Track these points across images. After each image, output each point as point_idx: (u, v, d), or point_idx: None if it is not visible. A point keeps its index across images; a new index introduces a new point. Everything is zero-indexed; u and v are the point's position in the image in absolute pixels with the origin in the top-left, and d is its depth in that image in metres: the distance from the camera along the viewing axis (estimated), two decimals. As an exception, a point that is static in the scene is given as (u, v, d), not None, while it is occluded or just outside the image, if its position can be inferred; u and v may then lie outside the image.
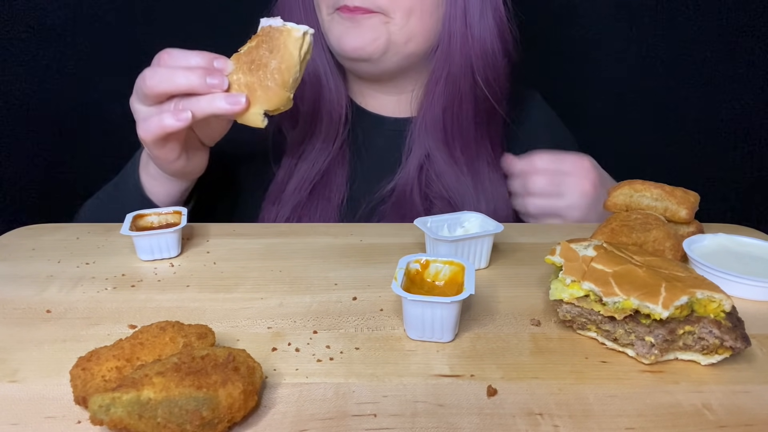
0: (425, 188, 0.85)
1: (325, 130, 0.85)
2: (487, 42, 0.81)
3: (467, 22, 0.80)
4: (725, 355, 0.46)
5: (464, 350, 0.48)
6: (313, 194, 0.85)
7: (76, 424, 0.39)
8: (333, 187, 0.86)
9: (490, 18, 0.80)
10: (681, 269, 0.49)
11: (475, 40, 0.80)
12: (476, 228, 0.66)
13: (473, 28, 0.80)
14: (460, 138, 0.84)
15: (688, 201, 0.66)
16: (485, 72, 0.81)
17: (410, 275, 0.53)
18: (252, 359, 0.40)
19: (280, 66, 0.62)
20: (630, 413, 0.41)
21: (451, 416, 0.40)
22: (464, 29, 0.80)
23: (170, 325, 0.44)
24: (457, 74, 0.81)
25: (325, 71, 0.85)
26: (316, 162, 0.85)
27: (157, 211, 0.69)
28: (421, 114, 0.85)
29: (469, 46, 0.80)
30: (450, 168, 0.85)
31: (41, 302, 0.56)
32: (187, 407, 0.36)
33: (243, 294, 0.58)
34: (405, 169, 0.85)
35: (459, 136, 0.84)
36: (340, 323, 0.52)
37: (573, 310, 0.49)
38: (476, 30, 0.80)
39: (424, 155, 0.85)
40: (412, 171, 0.85)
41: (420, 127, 0.85)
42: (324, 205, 0.84)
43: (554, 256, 0.52)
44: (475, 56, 0.81)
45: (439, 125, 0.84)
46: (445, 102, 0.83)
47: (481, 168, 0.86)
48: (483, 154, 0.86)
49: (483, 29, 0.80)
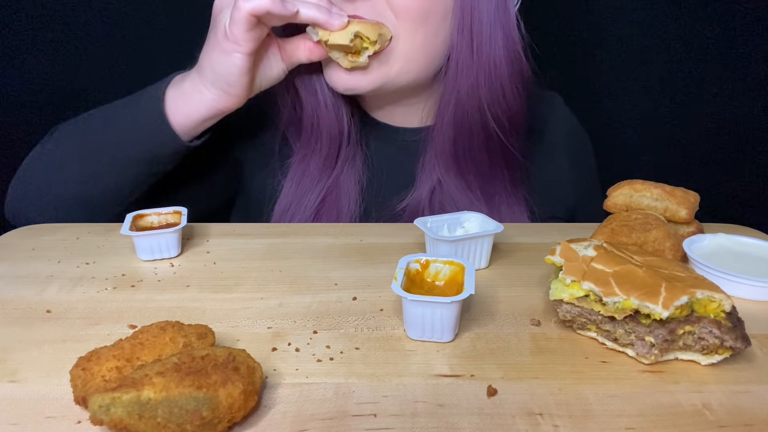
0: (438, 212, 0.80)
1: (326, 146, 0.82)
2: (495, 74, 0.74)
3: (474, 53, 0.73)
4: (725, 355, 0.46)
5: (464, 350, 0.48)
6: (321, 209, 0.82)
7: (76, 424, 0.39)
8: (343, 200, 0.83)
9: (500, 48, 0.73)
10: (681, 269, 0.49)
11: (481, 72, 0.74)
12: (476, 228, 0.66)
13: (482, 58, 0.73)
14: (473, 162, 0.80)
15: (688, 201, 0.66)
16: (493, 105, 0.75)
17: (410, 275, 0.53)
18: (252, 359, 0.40)
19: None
20: (630, 413, 0.41)
21: (451, 416, 0.40)
22: (470, 60, 0.74)
23: (170, 325, 0.44)
24: (465, 103, 0.76)
25: (322, 88, 0.80)
26: (321, 178, 0.82)
27: (157, 211, 0.69)
28: (433, 136, 0.81)
29: (473, 77, 0.74)
30: (463, 194, 0.81)
31: (41, 302, 0.56)
32: (187, 407, 0.36)
33: (243, 294, 0.58)
34: (417, 191, 0.82)
35: (471, 160, 0.80)
36: (340, 323, 0.52)
37: (573, 310, 0.49)
38: (485, 60, 0.73)
39: (435, 180, 0.81)
40: (425, 195, 0.81)
41: (431, 150, 0.81)
42: (334, 219, 0.82)
43: (554, 256, 0.52)
44: (482, 88, 0.74)
45: (451, 149, 0.79)
46: (455, 126, 0.78)
47: (496, 193, 0.81)
48: (498, 179, 0.81)
49: (492, 60, 0.73)
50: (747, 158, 1.29)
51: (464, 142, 0.79)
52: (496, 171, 0.81)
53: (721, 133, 1.28)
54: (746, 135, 1.28)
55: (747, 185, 1.31)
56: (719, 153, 1.29)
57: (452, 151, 0.79)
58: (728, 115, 1.26)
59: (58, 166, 0.76)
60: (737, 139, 1.28)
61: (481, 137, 0.78)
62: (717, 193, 1.25)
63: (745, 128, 1.27)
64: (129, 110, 0.75)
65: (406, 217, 0.81)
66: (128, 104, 0.76)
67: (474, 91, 0.75)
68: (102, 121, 0.77)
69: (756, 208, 1.31)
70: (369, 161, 0.86)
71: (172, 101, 0.72)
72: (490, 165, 0.80)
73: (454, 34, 0.73)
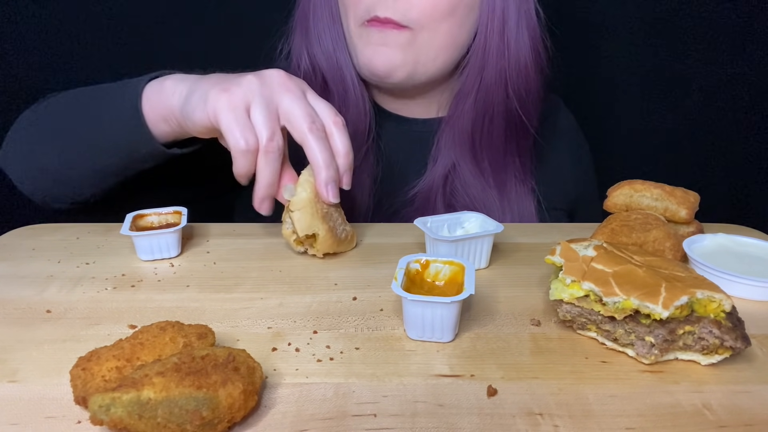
0: (450, 197, 0.83)
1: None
2: (521, 56, 0.79)
3: (505, 36, 0.78)
4: (725, 355, 0.46)
5: (464, 350, 0.48)
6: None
7: (76, 424, 0.39)
8: (357, 194, 0.83)
9: (525, 32, 0.79)
10: (681, 269, 0.49)
11: (511, 54, 0.78)
12: (476, 228, 0.66)
13: (510, 42, 0.78)
14: (489, 150, 0.83)
15: (688, 201, 0.66)
16: (518, 87, 0.80)
17: (410, 275, 0.53)
18: (252, 359, 0.40)
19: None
20: (630, 413, 0.41)
21: (451, 416, 0.40)
22: (501, 43, 0.78)
23: (170, 325, 0.44)
24: (490, 87, 0.80)
25: (353, 82, 0.82)
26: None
27: (157, 211, 0.69)
28: (450, 123, 0.83)
29: (504, 60, 0.78)
30: (476, 179, 0.83)
31: (41, 302, 0.56)
32: (187, 407, 0.36)
33: (243, 294, 0.58)
34: (430, 176, 0.84)
35: (487, 148, 0.83)
36: (340, 323, 0.52)
37: (573, 310, 0.49)
38: (512, 44, 0.78)
39: (450, 165, 0.83)
40: (438, 179, 0.83)
41: (447, 137, 0.84)
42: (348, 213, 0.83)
43: (554, 256, 0.52)
44: (509, 70, 0.79)
45: (468, 136, 0.82)
46: (475, 114, 0.81)
47: (507, 180, 0.84)
48: (510, 167, 0.84)
49: (519, 43, 0.78)
50: (747, 158, 1.29)
51: (483, 128, 0.81)
52: (508, 159, 0.84)
53: (721, 132, 1.28)
54: (746, 135, 1.28)
55: (747, 185, 1.31)
56: (719, 153, 1.29)
57: (469, 138, 0.82)
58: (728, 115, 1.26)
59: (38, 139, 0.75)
60: (737, 138, 1.28)
61: (501, 122, 0.81)
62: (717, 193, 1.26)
63: (745, 128, 1.27)
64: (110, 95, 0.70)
65: (418, 202, 0.83)
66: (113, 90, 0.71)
67: (501, 75, 0.79)
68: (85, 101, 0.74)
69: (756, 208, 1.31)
70: (382, 154, 0.86)
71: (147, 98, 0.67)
72: (504, 153, 0.83)
73: (484, 20, 0.78)
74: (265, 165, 0.60)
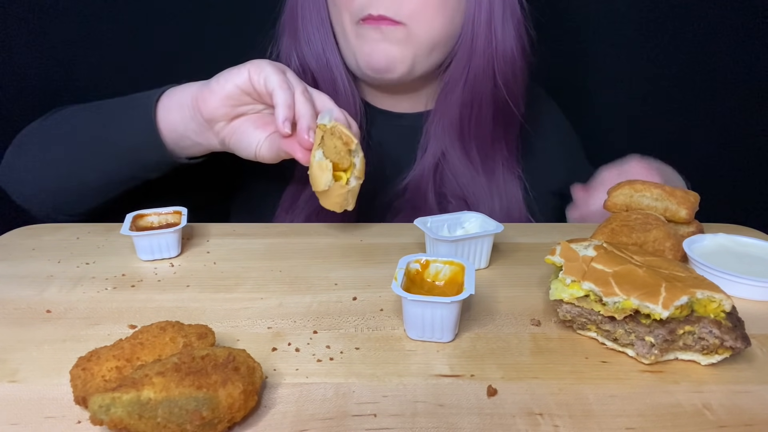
0: (440, 186, 0.85)
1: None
2: (508, 43, 0.80)
3: (492, 25, 0.80)
4: (725, 355, 0.46)
5: (464, 350, 0.48)
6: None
7: (76, 424, 0.39)
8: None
9: (510, 20, 0.80)
10: (681, 269, 0.49)
11: (498, 42, 0.80)
12: (476, 228, 0.66)
13: (497, 29, 0.80)
14: (477, 138, 0.84)
15: (688, 201, 0.66)
16: (505, 74, 0.81)
17: (410, 275, 0.53)
18: (252, 359, 0.40)
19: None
20: (630, 413, 0.41)
21: (451, 416, 0.40)
22: (488, 31, 0.80)
23: (170, 325, 0.44)
24: (478, 75, 0.81)
25: (343, 81, 0.84)
26: None
27: (157, 211, 0.69)
28: (439, 113, 0.85)
29: (492, 47, 0.80)
30: (465, 167, 0.85)
31: (41, 302, 0.56)
32: (187, 407, 0.36)
33: (243, 294, 0.58)
34: (419, 166, 0.85)
35: (476, 135, 0.84)
36: (340, 323, 0.52)
37: (573, 310, 0.49)
38: (499, 32, 0.80)
39: (439, 153, 0.85)
40: (427, 168, 0.84)
41: (437, 126, 0.85)
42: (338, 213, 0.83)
43: (554, 256, 0.52)
44: (497, 58, 0.80)
45: (456, 125, 0.84)
46: (463, 102, 0.82)
47: (496, 168, 0.86)
48: (498, 155, 0.86)
49: (506, 31, 0.80)
50: (747, 158, 1.29)
51: (471, 116, 0.83)
52: (496, 147, 0.85)
53: (721, 132, 1.28)
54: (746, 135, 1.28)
55: (747, 185, 1.31)
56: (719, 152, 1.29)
57: (458, 126, 0.84)
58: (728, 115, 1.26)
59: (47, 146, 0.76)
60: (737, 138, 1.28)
61: (489, 110, 0.83)
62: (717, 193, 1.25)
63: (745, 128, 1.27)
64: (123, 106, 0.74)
65: (410, 192, 0.84)
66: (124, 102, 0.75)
67: (489, 62, 0.80)
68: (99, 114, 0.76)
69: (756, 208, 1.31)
70: (373, 150, 0.87)
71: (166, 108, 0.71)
72: (492, 141, 0.85)
73: (471, 11, 0.80)
74: (303, 103, 0.67)
